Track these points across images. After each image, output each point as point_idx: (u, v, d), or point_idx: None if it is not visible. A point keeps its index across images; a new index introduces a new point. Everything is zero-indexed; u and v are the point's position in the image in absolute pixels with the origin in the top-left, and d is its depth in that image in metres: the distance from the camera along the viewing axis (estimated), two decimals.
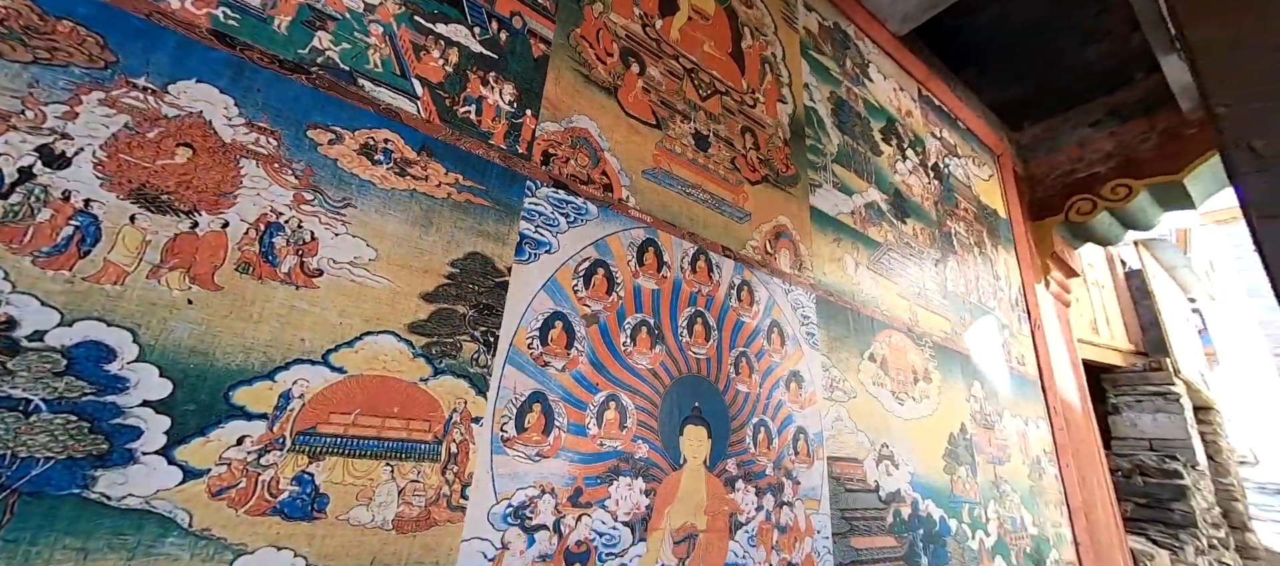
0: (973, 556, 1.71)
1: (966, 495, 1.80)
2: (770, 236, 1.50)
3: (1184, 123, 2.77)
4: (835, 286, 1.64)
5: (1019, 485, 2.09)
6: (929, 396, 1.82)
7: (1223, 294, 13.22)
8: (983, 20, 2.75)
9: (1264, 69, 1.20)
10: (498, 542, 0.82)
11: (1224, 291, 13.40)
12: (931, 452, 1.73)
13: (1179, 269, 7.10)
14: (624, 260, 1.13)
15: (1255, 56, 1.22)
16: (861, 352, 1.63)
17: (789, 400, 1.35)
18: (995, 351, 2.31)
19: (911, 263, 2.02)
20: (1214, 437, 6.23)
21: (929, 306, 2.02)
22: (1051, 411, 2.54)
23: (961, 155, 2.74)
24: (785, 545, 1.20)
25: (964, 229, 2.46)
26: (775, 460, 1.26)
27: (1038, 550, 2.04)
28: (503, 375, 0.89)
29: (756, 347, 1.33)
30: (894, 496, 1.52)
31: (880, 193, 2.02)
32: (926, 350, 1.90)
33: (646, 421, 1.06)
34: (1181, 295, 7.42)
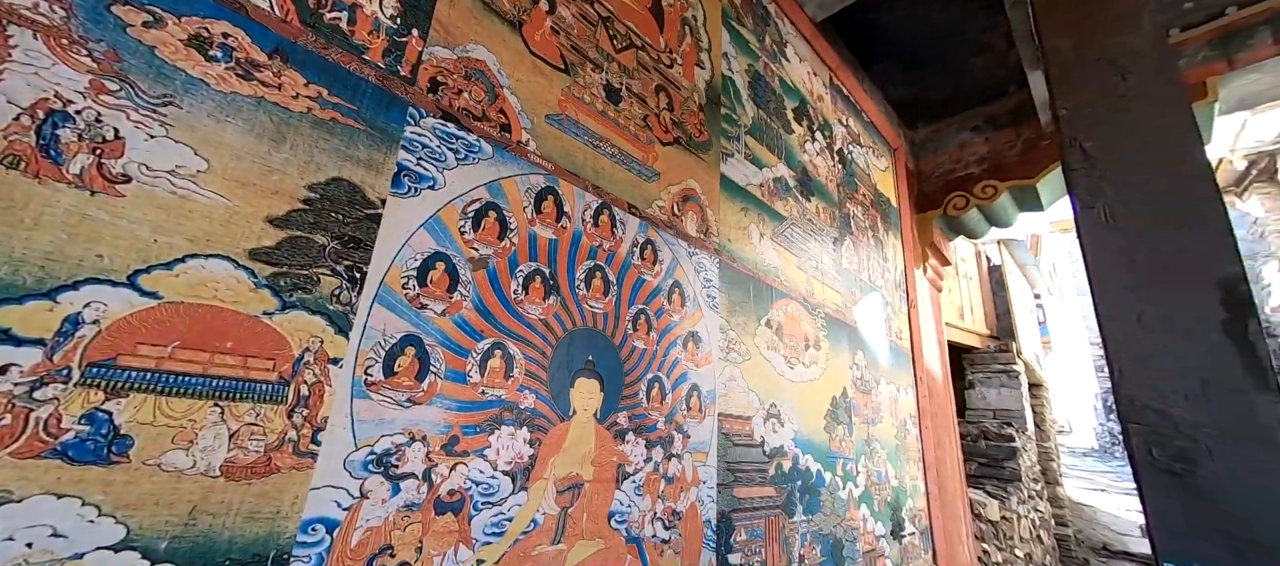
0: (841, 504, 1.89)
1: (842, 451, 1.98)
2: (678, 199, 1.50)
3: (1041, 134, 3.18)
4: (739, 254, 1.70)
5: (887, 443, 2.35)
6: (818, 362, 1.97)
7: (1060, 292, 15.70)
8: (890, 21, 2.93)
9: (1095, 78, 1.39)
10: (355, 491, 0.75)
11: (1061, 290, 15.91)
12: (815, 413, 1.88)
13: (1029, 267, 8.26)
14: (520, 205, 1.07)
15: (1089, 67, 1.40)
16: (759, 318, 1.71)
17: (685, 358, 1.38)
18: (878, 325, 2.55)
19: (812, 239, 2.15)
20: (1041, 409, 7.43)
21: (825, 280, 2.16)
22: (918, 381, 2.86)
23: (864, 145, 2.94)
24: (671, 494, 1.24)
25: (861, 213, 2.66)
26: (667, 414, 1.29)
27: (897, 499, 2.32)
28: (370, 314, 0.82)
29: (656, 306, 1.34)
30: (777, 451, 1.63)
31: (789, 169, 2.11)
32: (819, 320, 2.04)
33: (535, 372, 1.03)
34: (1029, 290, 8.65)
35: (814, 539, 1.70)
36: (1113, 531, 7.32)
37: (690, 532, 1.27)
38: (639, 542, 1.14)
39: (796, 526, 1.63)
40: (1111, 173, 1.28)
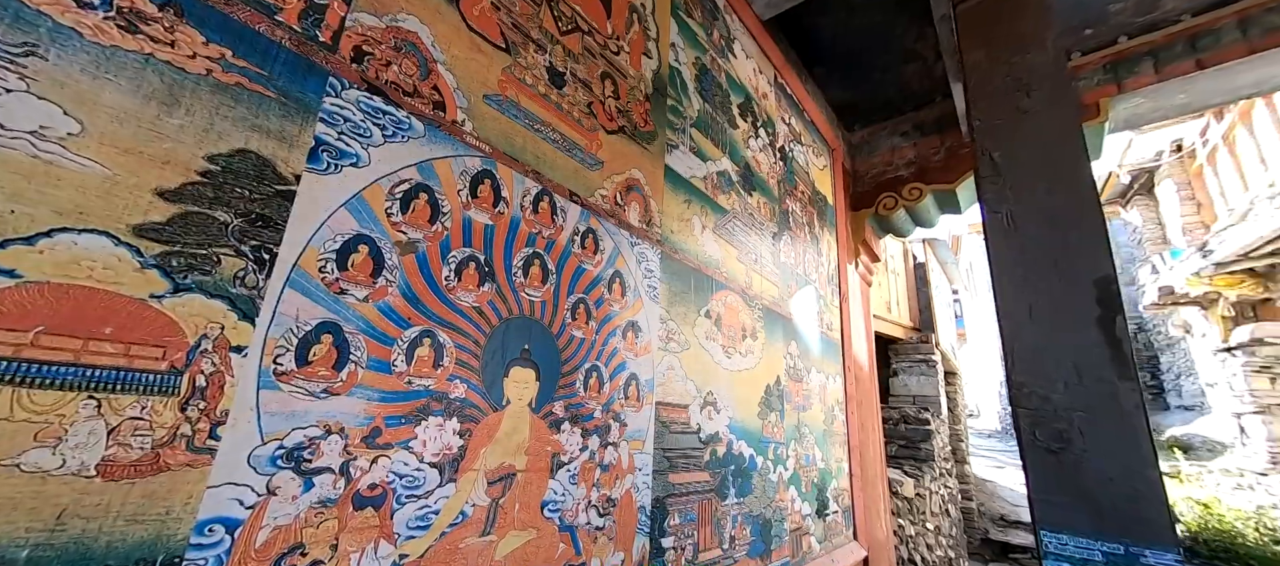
0: (772, 486, 1.99)
1: (774, 436, 2.08)
2: (622, 188, 1.50)
3: (961, 143, 3.44)
4: (681, 245, 1.72)
5: (815, 428, 2.48)
6: (753, 352, 2.04)
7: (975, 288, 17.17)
8: (831, 26, 3.06)
9: (1004, 93, 1.51)
10: (260, 488, 0.70)
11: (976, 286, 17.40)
12: (750, 400, 1.95)
13: (949, 265, 8.95)
14: (453, 188, 1.03)
15: (999, 82, 1.53)
16: (699, 309, 1.75)
17: (625, 348, 1.39)
18: (811, 317, 2.68)
19: (752, 232, 2.22)
20: (954, 395, 8.12)
21: (763, 273, 2.24)
22: (846, 369, 3.05)
23: (804, 144, 3.06)
24: (606, 482, 1.25)
25: (799, 209, 2.77)
26: (605, 403, 1.30)
27: (823, 480, 2.47)
28: (281, 299, 0.76)
29: (596, 295, 1.34)
30: (712, 437, 1.69)
31: (732, 164, 2.16)
32: (757, 311, 2.12)
33: (467, 361, 1.00)
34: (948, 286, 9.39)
35: (745, 520, 1.78)
36: (1009, 503, 8.18)
37: (624, 518, 1.29)
38: (572, 530, 1.14)
39: (728, 509, 1.70)
40: (1014, 181, 1.41)
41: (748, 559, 1.76)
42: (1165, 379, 11.72)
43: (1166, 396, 11.66)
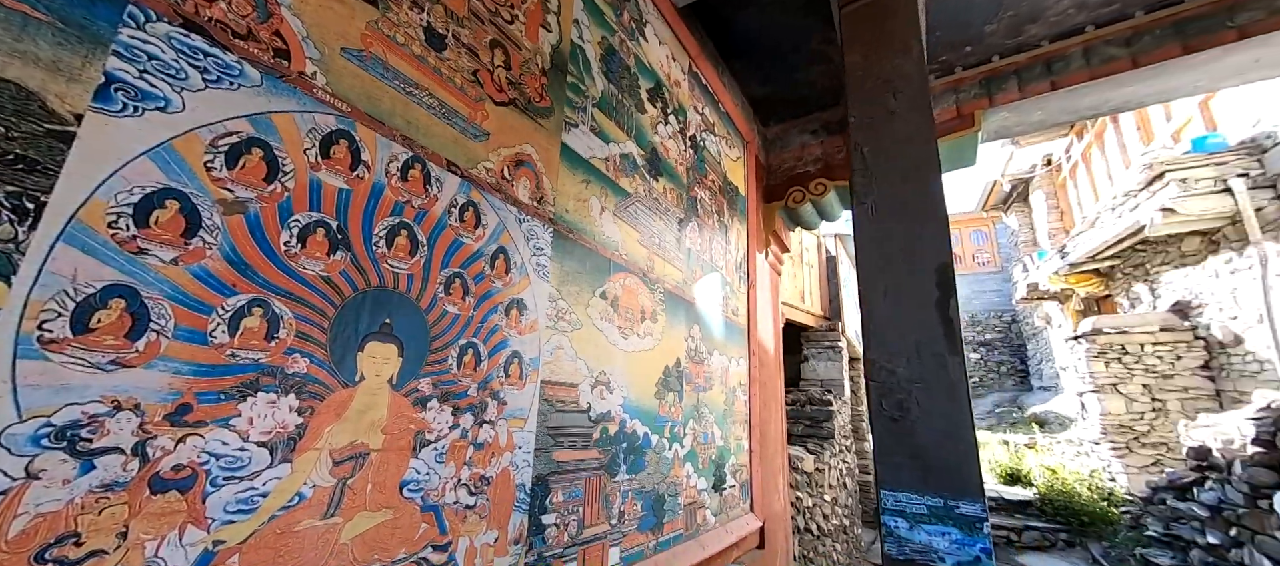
0: (667, 463, 2.06)
1: (671, 416, 2.14)
2: (510, 162, 1.46)
3: None
4: (576, 225, 1.71)
5: (715, 408, 2.59)
6: (653, 334, 2.08)
7: None
8: (747, 20, 3.15)
9: (876, 93, 1.64)
10: (16, 471, 0.61)
11: None
12: (646, 380, 1.99)
13: None
14: (299, 146, 0.95)
15: (873, 82, 1.65)
16: (594, 289, 1.75)
17: (507, 325, 1.37)
18: (716, 302, 2.78)
19: (657, 217, 2.25)
20: (858, 378, 8.81)
21: (666, 257, 2.29)
22: (751, 353, 3.20)
23: (718, 134, 3.14)
24: (480, 460, 1.23)
25: (708, 197, 2.85)
26: (482, 381, 1.27)
27: (721, 456, 2.59)
28: (51, 256, 0.66)
29: (476, 270, 1.30)
30: (604, 416, 1.71)
31: (638, 148, 2.17)
32: (658, 294, 2.16)
33: (311, 333, 0.93)
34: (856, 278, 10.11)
35: (636, 495, 1.82)
36: None
37: (500, 497, 1.27)
38: (437, 510, 1.11)
39: (619, 485, 1.73)
40: (878, 175, 1.53)
41: (638, 533, 1.81)
42: (1031, 363, 13.49)
43: (1031, 378, 13.43)
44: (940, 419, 1.25)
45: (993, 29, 3.15)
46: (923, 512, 1.21)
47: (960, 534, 1.16)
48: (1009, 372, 13.96)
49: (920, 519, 1.21)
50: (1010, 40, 3.20)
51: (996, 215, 14.73)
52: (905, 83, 1.55)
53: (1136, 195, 7.01)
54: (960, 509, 1.17)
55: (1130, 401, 7.14)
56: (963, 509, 1.17)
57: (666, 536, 1.98)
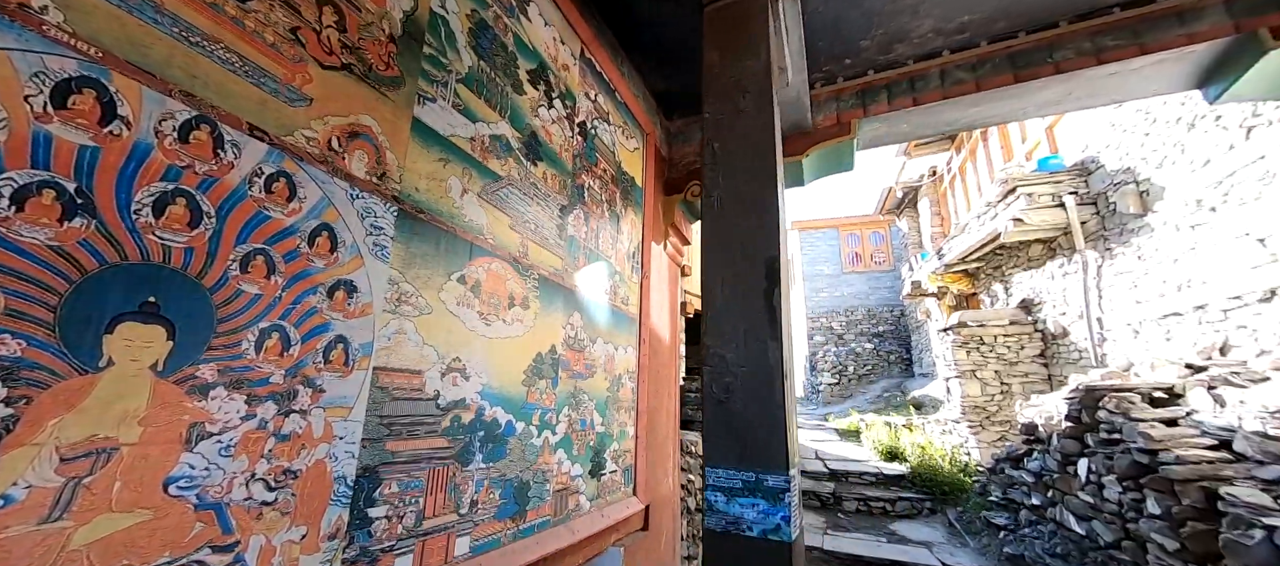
0: (534, 450, 2.04)
1: (542, 403, 2.13)
2: (342, 133, 1.35)
3: None
4: (429, 205, 1.63)
5: (597, 395, 2.62)
6: (523, 321, 2.05)
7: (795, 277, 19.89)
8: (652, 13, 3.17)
9: (727, 91, 1.71)
10: None
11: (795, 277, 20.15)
12: (513, 368, 1.96)
13: None
14: (17, 92, 0.81)
15: (726, 81, 1.73)
16: (450, 273, 1.69)
17: (330, 308, 1.27)
18: (602, 290, 2.80)
19: (534, 202, 2.21)
20: None
21: (543, 244, 2.26)
22: (642, 341, 3.27)
23: (613, 123, 3.15)
24: (284, 453, 1.14)
25: (598, 186, 2.85)
26: (292, 368, 1.17)
27: (601, 442, 2.62)
28: None
29: (287, 247, 1.19)
30: (457, 404, 1.66)
31: (513, 130, 2.11)
32: (531, 281, 2.13)
33: (28, 311, 0.80)
34: None
35: (494, 484, 1.80)
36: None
37: (311, 490, 1.19)
38: (220, 508, 1.01)
39: (472, 474, 1.69)
40: (726, 170, 1.60)
41: (495, 521, 1.78)
42: (914, 353, 15.06)
43: (913, 366, 15.01)
44: (758, 401, 1.34)
45: (867, 45, 3.41)
46: (737, 487, 1.30)
47: (766, 504, 1.25)
48: (896, 361, 15.50)
49: (735, 492, 1.29)
50: (882, 57, 3.49)
51: (891, 218, 16.20)
52: (754, 85, 1.64)
53: (995, 206, 8.02)
54: (768, 482, 1.27)
55: (985, 385, 8.20)
56: (770, 482, 1.27)
57: (530, 523, 1.98)
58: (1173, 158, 5.69)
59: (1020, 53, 3.17)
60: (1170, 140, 5.72)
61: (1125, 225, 6.44)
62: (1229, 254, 5.00)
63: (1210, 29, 2.77)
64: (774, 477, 1.26)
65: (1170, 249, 5.74)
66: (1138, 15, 2.91)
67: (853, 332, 16.53)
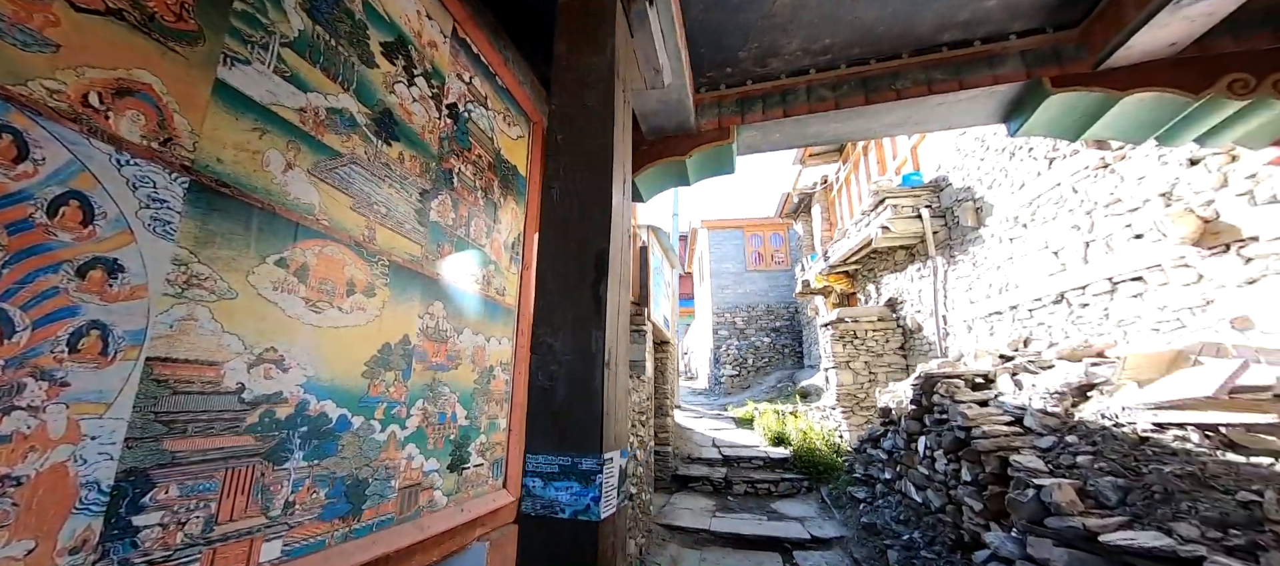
0: (376, 445, 1.94)
1: (389, 396, 2.02)
2: (106, 88, 1.18)
3: (643, 139, 3.98)
4: (238, 179, 1.48)
5: (461, 387, 2.54)
6: (366, 309, 1.93)
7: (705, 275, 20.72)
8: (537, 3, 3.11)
9: (574, 85, 1.73)
10: None
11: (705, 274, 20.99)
12: (351, 359, 1.84)
13: (670, 251, 10.49)
14: None
15: (573, 74, 1.75)
16: (265, 255, 1.54)
17: (80, 289, 1.11)
18: (472, 280, 2.72)
19: (388, 184, 2.08)
20: (665, 360, 9.64)
21: (397, 229, 2.14)
22: (520, 333, 3.23)
23: (493, 109, 3.06)
24: (2, 456, 0.97)
25: (471, 172, 2.76)
26: (14, 358, 1.00)
27: (464, 436, 2.55)
28: None
29: (15, 216, 1.01)
30: (270, 398, 1.52)
31: (360, 105, 1.97)
32: (379, 267, 2.01)
33: None
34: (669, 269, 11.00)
35: (320, 482, 1.68)
36: (694, 444, 10.25)
37: (43, 499, 1.03)
38: None
39: (288, 473, 1.57)
40: (566, 163, 1.62)
41: (319, 522, 1.67)
42: (805, 347, 16.41)
43: (804, 359, 16.35)
44: (579, 387, 1.39)
45: (745, 57, 3.62)
46: (554, 471, 1.33)
47: (579, 486, 1.30)
48: (790, 354, 16.80)
49: (552, 477, 1.33)
50: (759, 69, 3.73)
51: (789, 222, 17.47)
52: (599, 81, 1.67)
53: (869, 215, 8.95)
54: (582, 465, 1.31)
55: (856, 374, 9.15)
56: (583, 465, 1.31)
57: (367, 522, 1.88)
58: (999, 180, 6.74)
59: (871, 78, 3.55)
60: (997, 166, 6.76)
61: (965, 236, 7.51)
62: (1034, 263, 6.03)
63: (1010, 73, 3.29)
64: (587, 460, 1.31)
65: (995, 257, 6.79)
66: (959, 55, 3.39)
67: (754, 328, 17.61)
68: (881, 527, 5.97)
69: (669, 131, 3.84)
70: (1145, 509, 2.87)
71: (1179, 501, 2.79)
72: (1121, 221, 4.86)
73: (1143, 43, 2.86)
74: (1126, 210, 4.81)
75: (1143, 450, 3.30)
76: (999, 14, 3.18)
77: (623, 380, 1.53)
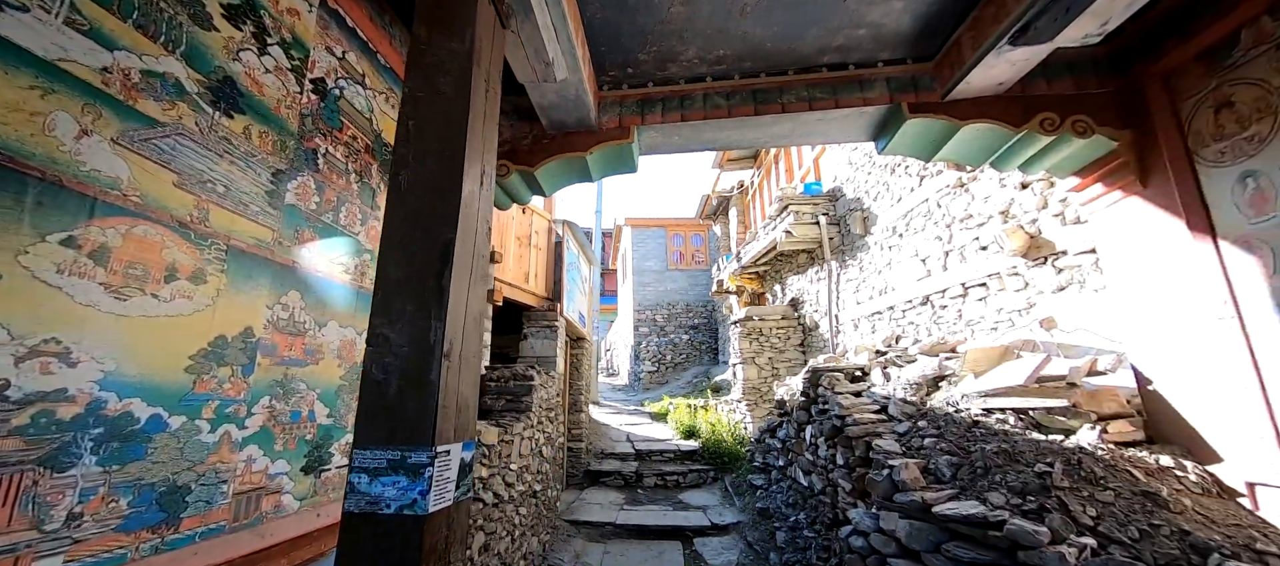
0: (201, 447, 1.76)
1: (222, 393, 1.85)
2: None
3: (544, 134, 3.95)
4: (10, 144, 1.28)
5: (323, 383, 2.38)
6: (193, 297, 1.75)
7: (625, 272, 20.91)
8: None
9: (430, 70, 1.69)
10: None
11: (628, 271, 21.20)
12: (169, 352, 1.66)
13: (587, 247, 10.49)
14: None
15: (429, 59, 1.70)
16: (45, 233, 1.35)
17: None
18: (343, 270, 2.55)
19: (228, 161, 1.90)
20: (581, 356, 9.63)
21: (241, 210, 1.96)
22: None
23: (373, 88, 2.88)
24: None
25: (342, 154, 2.58)
26: None
27: (326, 436, 2.39)
28: None
29: None
30: (49, 396, 1.33)
31: (191, 70, 1.78)
32: (211, 251, 1.82)
33: None
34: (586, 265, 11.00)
35: (121, 489, 1.50)
36: (609, 440, 10.35)
37: None
38: None
39: (74, 480, 1.38)
40: (416, 151, 1.57)
41: (117, 534, 1.49)
42: (719, 344, 17.13)
43: (719, 355, 17.07)
44: (416, 381, 1.35)
45: (645, 58, 3.71)
46: (381, 466, 1.29)
47: (407, 481, 1.27)
48: (706, 351, 17.45)
49: (379, 472, 1.29)
50: (659, 72, 3.83)
51: (709, 223, 18.12)
52: (455, 67, 1.64)
53: (775, 220, 9.52)
54: (411, 458, 1.29)
55: (760, 369, 9.71)
56: (412, 458, 1.29)
57: (189, 531, 1.70)
58: (882, 193, 7.46)
59: (760, 90, 3.78)
60: (881, 180, 7.49)
61: (855, 243, 8.24)
62: (907, 269, 6.75)
63: (877, 97, 3.64)
64: (417, 453, 1.29)
65: (877, 263, 7.52)
66: (836, 77, 3.70)
67: (673, 325, 18.09)
68: (773, 511, 6.40)
69: (570, 127, 3.84)
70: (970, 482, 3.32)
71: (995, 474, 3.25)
72: (972, 234, 5.58)
73: (978, 80, 3.29)
74: (976, 225, 5.54)
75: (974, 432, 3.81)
76: (869, 43, 3.52)
77: (470, 373, 1.52)
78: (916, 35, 3.43)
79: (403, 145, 1.59)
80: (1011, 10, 2.77)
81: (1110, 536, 2.48)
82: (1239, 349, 2.59)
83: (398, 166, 1.57)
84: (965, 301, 5.69)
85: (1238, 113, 2.60)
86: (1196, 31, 2.73)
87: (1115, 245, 3.40)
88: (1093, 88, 3.32)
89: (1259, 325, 2.52)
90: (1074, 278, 4.44)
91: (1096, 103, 3.28)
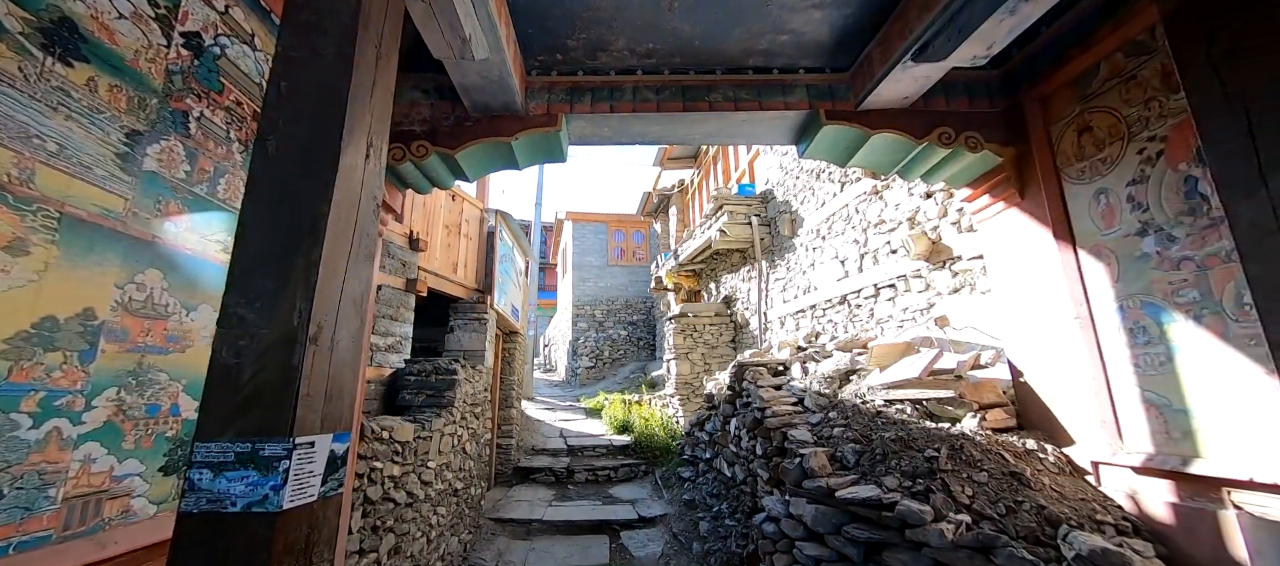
0: (23, 446, 1.52)
1: (51, 384, 1.60)
2: None
3: (467, 115, 3.77)
4: None
5: (191, 374, 2.13)
6: (9, 270, 1.50)
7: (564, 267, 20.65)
8: None
9: (306, 26, 1.55)
10: None
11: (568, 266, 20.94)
12: None
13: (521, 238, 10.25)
14: None
15: (307, 17, 1.56)
16: None
17: None
18: (220, 248, 2.29)
19: (62, 114, 1.64)
20: (513, 350, 9.37)
21: (80, 173, 1.70)
22: None
23: (265, 51, 2.62)
24: None
25: (223, 120, 2.32)
26: None
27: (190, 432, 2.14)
28: None
29: None
30: None
31: (16, 7, 1.51)
32: (34, 218, 1.57)
33: None
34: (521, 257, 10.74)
35: None
36: (542, 436, 10.18)
37: None
38: None
39: None
40: (289, 116, 1.43)
41: None
42: (657, 340, 17.34)
43: (656, 351, 17.28)
44: (275, 366, 1.23)
45: (575, 46, 3.63)
46: (228, 460, 1.16)
47: (258, 475, 1.15)
48: (644, 347, 17.61)
49: (225, 466, 1.16)
50: (590, 61, 3.77)
51: (650, 220, 18.28)
52: (336, 28, 1.50)
53: (710, 219, 9.75)
54: (264, 451, 1.17)
55: (693, 365, 9.93)
56: (266, 451, 1.17)
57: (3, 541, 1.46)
58: (807, 197, 7.84)
59: (689, 87, 3.82)
60: (807, 185, 7.87)
61: (783, 244, 8.61)
62: (828, 270, 7.14)
63: (798, 102, 3.78)
64: (271, 446, 1.17)
65: (802, 263, 7.90)
66: (761, 80, 3.81)
67: (612, 321, 18.08)
68: (698, 502, 6.56)
69: (495, 111, 3.70)
70: (870, 467, 3.53)
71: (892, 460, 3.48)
72: (884, 239, 5.99)
73: (887, 92, 3.50)
74: (888, 230, 5.95)
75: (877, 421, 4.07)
76: (791, 49, 3.65)
77: (344, 358, 1.41)
78: (834, 46, 3.60)
79: (273, 108, 1.45)
80: (914, 28, 2.97)
81: (983, 513, 2.73)
82: (1090, 345, 2.94)
83: (266, 130, 1.42)
84: (877, 301, 6.10)
85: (1095, 136, 2.94)
86: (1068, 60, 3.07)
87: (998, 251, 3.76)
88: (985, 107, 3.64)
89: (1105, 324, 2.87)
90: (966, 280, 4.88)
91: (987, 121, 3.60)
